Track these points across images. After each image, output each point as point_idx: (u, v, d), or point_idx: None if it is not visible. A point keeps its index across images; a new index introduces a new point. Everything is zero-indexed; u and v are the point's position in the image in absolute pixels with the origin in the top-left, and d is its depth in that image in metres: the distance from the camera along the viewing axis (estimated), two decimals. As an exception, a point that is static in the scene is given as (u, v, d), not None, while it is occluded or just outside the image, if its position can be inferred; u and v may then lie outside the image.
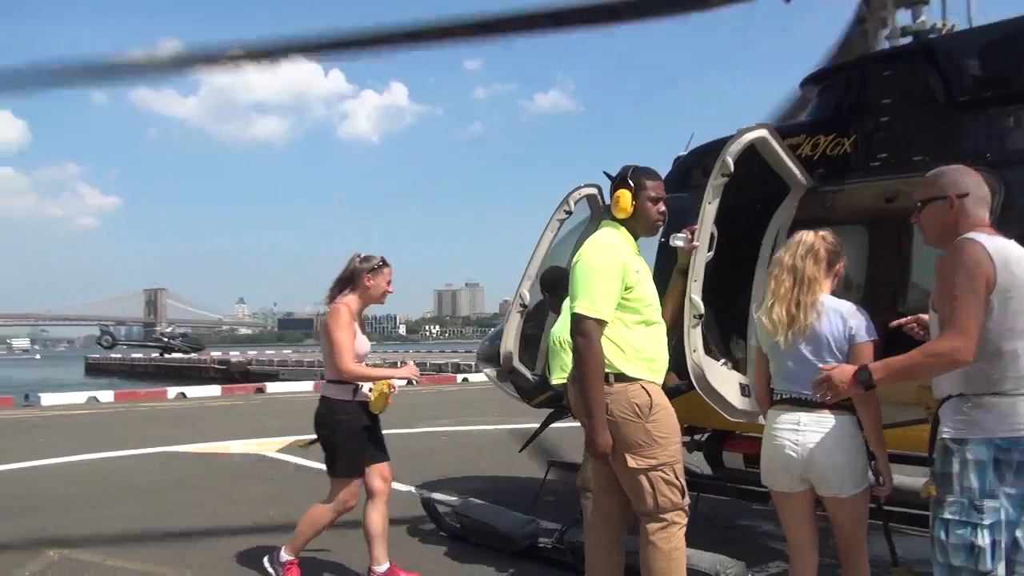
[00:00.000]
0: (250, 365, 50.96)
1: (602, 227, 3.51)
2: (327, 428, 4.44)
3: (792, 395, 3.15)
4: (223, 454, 10.10)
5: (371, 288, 4.48)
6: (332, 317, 4.35)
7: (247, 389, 23.82)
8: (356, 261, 4.49)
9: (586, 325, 3.17)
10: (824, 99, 5.02)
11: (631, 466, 3.19)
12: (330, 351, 4.35)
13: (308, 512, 4.57)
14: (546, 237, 5.28)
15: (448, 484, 7.58)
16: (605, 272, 3.24)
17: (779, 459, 3.15)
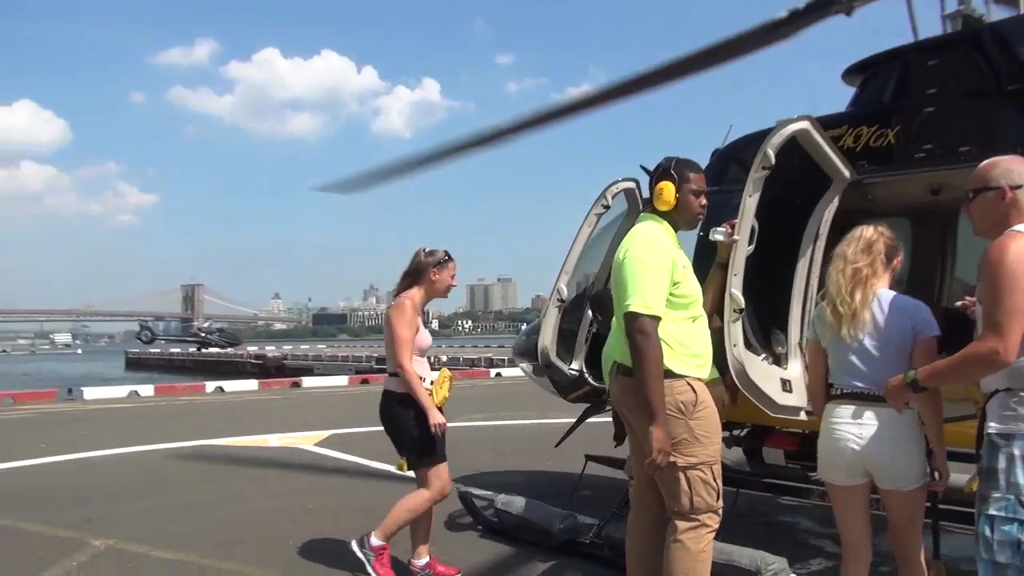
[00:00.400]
0: (285, 360, 51.47)
1: (643, 220, 3.48)
2: (400, 421, 4.45)
3: (853, 390, 3.16)
4: (261, 447, 10.24)
5: (436, 282, 4.55)
6: (396, 311, 4.41)
7: (283, 383, 24.06)
8: (422, 255, 4.53)
9: (643, 322, 3.12)
10: (867, 89, 4.96)
11: (671, 460, 3.17)
12: (387, 343, 4.44)
13: (405, 498, 4.56)
14: (583, 232, 5.27)
15: (484, 478, 7.62)
16: (655, 267, 3.21)
17: (840, 453, 3.16)
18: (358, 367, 40.41)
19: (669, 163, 3.44)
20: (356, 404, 16.85)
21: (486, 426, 12.17)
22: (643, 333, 3.10)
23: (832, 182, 4.49)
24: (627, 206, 5.48)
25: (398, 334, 4.35)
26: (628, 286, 3.19)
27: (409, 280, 4.53)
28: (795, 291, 4.51)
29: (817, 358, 3.36)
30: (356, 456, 9.13)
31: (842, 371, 3.22)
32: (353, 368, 39.72)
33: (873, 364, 3.12)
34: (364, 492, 7.23)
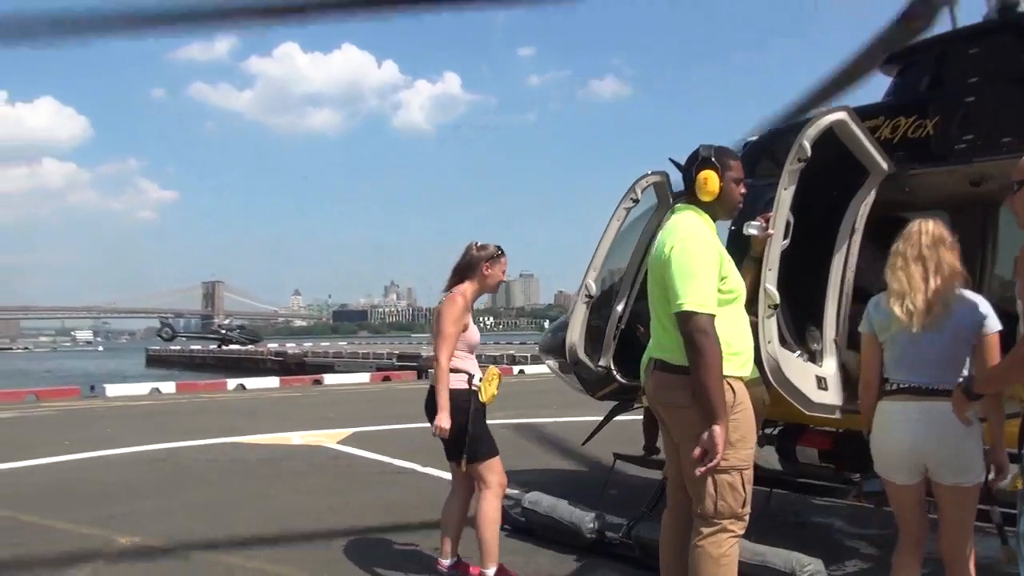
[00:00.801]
0: (306, 357, 51.88)
1: (681, 211, 3.38)
2: (455, 421, 4.35)
3: (913, 384, 3.19)
4: (284, 445, 10.30)
5: (488, 277, 4.51)
6: (447, 306, 4.36)
7: (304, 381, 24.26)
8: (474, 250, 4.51)
9: (702, 321, 3.04)
10: (905, 79, 4.89)
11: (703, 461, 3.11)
12: (434, 335, 4.39)
13: (480, 514, 4.44)
14: (612, 226, 5.26)
15: (509, 477, 7.51)
16: (707, 262, 3.14)
17: (899, 450, 3.21)
18: (379, 364, 40.61)
19: (710, 151, 3.36)
20: (378, 402, 16.97)
21: (509, 424, 12.13)
22: (703, 332, 3.03)
23: (869, 174, 4.43)
24: (656, 200, 5.45)
25: (444, 329, 4.31)
26: (681, 283, 3.10)
27: (460, 275, 4.50)
28: (830, 286, 4.45)
29: (873, 352, 3.37)
30: (379, 454, 9.16)
31: (902, 366, 3.24)
32: (374, 365, 39.90)
33: (937, 359, 3.16)
34: (388, 490, 7.26)
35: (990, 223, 5.27)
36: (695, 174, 3.34)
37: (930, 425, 3.12)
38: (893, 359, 3.28)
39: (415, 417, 12.79)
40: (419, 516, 6.14)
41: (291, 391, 20.70)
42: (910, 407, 3.18)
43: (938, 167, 4.50)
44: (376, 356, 46.19)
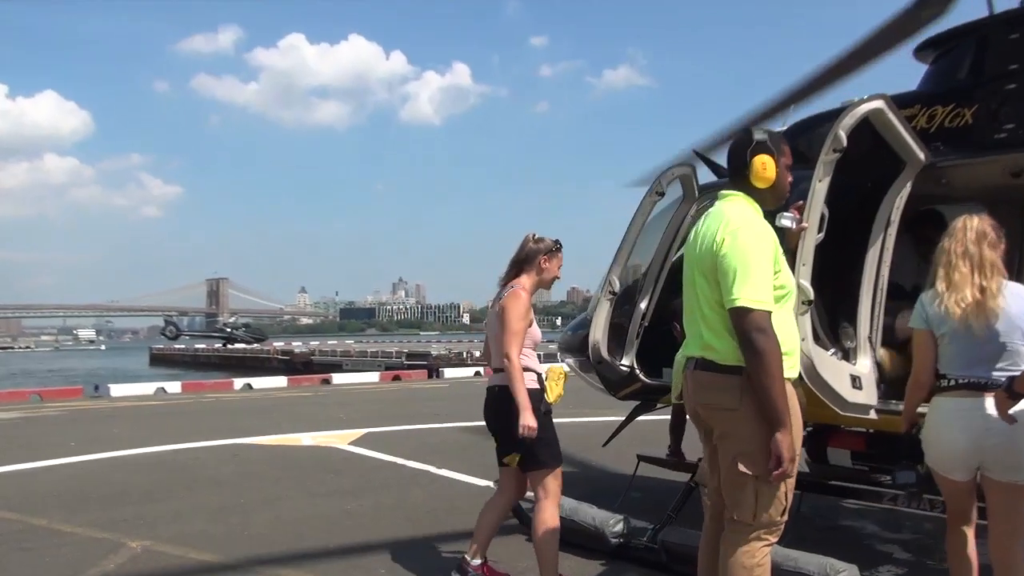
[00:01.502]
0: (313, 356, 52.29)
1: (729, 198, 3.23)
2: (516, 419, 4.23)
3: (971, 380, 3.30)
4: (295, 446, 10.33)
5: (546, 271, 4.44)
6: (513, 301, 4.27)
7: (313, 380, 24.36)
8: (531, 242, 4.43)
9: (761, 319, 2.94)
10: (942, 66, 4.85)
11: (740, 470, 3.04)
12: (498, 332, 4.28)
13: (538, 527, 4.36)
14: (637, 220, 5.23)
15: None
16: (765, 255, 3.03)
17: (958, 446, 3.31)
18: (388, 363, 40.81)
19: (764, 135, 3.24)
20: (389, 402, 17.01)
21: (526, 425, 12.15)
22: (761, 330, 2.92)
23: (905, 165, 4.39)
24: (682, 193, 5.42)
25: (512, 326, 4.21)
26: (737, 277, 2.97)
27: (518, 268, 4.42)
28: (864, 282, 4.43)
29: (928, 347, 3.45)
30: (393, 456, 9.18)
31: (959, 361, 3.35)
32: (383, 364, 40.11)
33: (994, 354, 3.28)
34: (404, 493, 7.27)
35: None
36: (749, 158, 3.19)
37: (989, 421, 3.21)
38: (949, 356, 3.38)
39: (428, 417, 13.02)
40: (437, 520, 6.15)
41: (299, 391, 20.77)
42: (967, 403, 3.28)
43: (977, 158, 4.46)
44: (385, 355, 46.43)
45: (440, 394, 18.75)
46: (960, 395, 3.31)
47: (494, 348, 4.41)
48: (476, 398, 13.73)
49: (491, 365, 4.51)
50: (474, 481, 7.65)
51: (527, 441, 4.18)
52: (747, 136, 3.26)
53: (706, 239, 3.13)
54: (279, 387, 22.19)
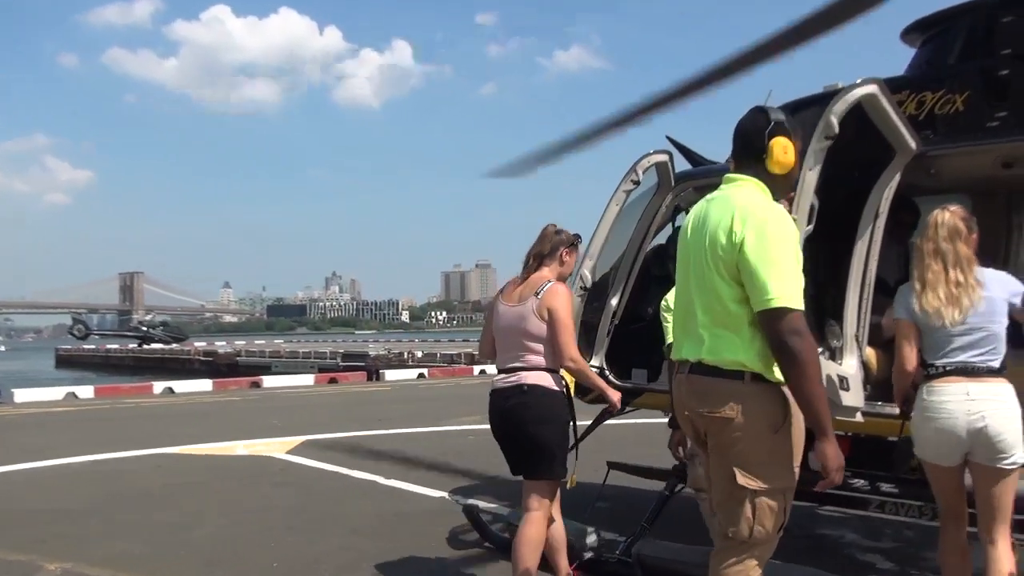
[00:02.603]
0: (239, 357, 51.56)
1: (740, 183, 3.14)
2: (552, 425, 4.29)
3: (959, 365, 3.58)
4: (228, 456, 10.16)
5: (565, 265, 4.52)
6: (556, 296, 4.29)
7: (241, 383, 23.98)
8: (553, 234, 4.50)
9: (797, 320, 2.85)
10: (931, 50, 4.94)
11: (739, 483, 2.99)
12: (551, 334, 4.28)
13: (522, 542, 4.32)
14: (610, 211, 5.24)
15: (486, 489, 7.62)
16: (793, 250, 2.96)
17: (948, 431, 3.56)
18: (322, 365, 40.41)
19: (780, 116, 3.16)
20: (327, 407, 16.84)
21: (480, 430, 12.09)
22: (797, 333, 2.84)
23: (895, 154, 4.46)
24: (657, 182, 5.44)
25: (565, 322, 4.28)
26: (771, 274, 2.88)
27: (540, 260, 4.46)
28: (852, 277, 4.47)
29: (910, 338, 3.75)
30: (335, 465, 9.08)
31: (945, 349, 3.64)
32: (316, 366, 39.72)
33: (974, 340, 3.58)
34: (351, 506, 7.18)
35: (1016, 207, 5.37)
36: (767, 141, 3.09)
37: (985, 405, 3.50)
38: (932, 346, 3.69)
39: (370, 423, 12.91)
40: (390, 536, 6.09)
41: (227, 395, 20.42)
42: (955, 388, 3.56)
43: (968, 146, 4.54)
44: (318, 355, 45.98)
45: (382, 398, 18.65)
46: (948, 381, 3.59)
47: (509, 346, 4.39)
48: (421, 402, 13.85)
49: (501, 366, 4.46)
50: (427, 492, 7.61)
51: (546, 445, 4.26)
52: (763, 115, 3.16)
53: (716, 229, 3.02)
54: (204, 391, 21.79)
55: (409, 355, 40.17)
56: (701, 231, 3.10)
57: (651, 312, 5.79)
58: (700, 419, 3.11)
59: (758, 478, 2.97)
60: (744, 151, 3.19)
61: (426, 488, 7.73)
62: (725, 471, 3.04)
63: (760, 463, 2.97)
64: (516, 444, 4.38)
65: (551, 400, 4.29)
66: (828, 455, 2.93)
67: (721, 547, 3.13)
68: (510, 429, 4.37)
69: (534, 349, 4.31)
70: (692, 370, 3.10)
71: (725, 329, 3.00)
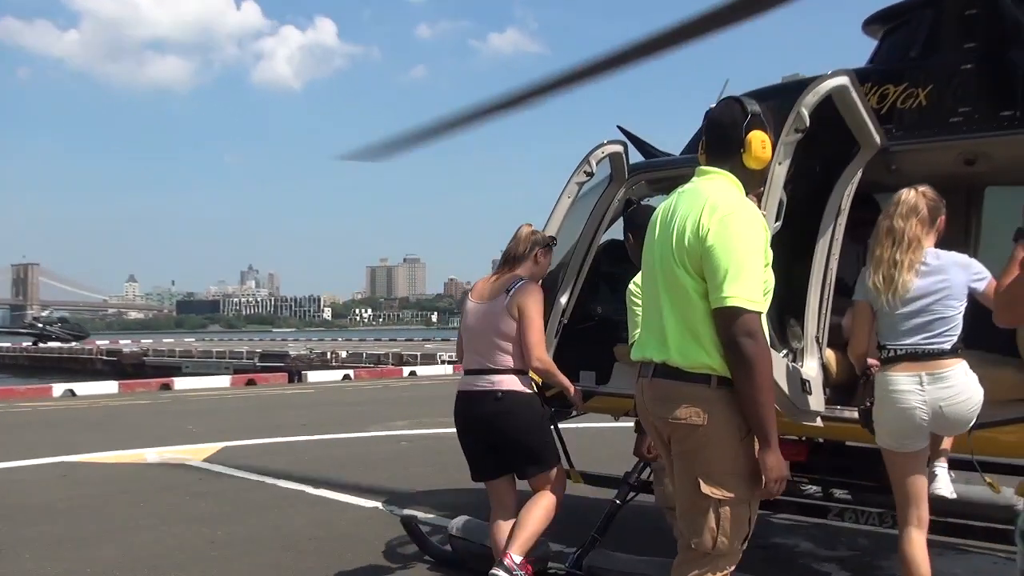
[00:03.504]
0: (146, 356, 50.59)
1: (710, 176, 3.15)
2: (537, 430, 4.53)
3: (908, 350, 3.80)
4: (139, 464, 9.92)
5: (540, 265, 4.69)
6: (530, 295, 4.45)
7: (150, 385, 23.43)
8: (528, 234, 4.66)
9: (751, 321, 2.88)
10: (894, 41, 5.05)
11: (703, 492, 2.99)
12: (520, 332, 4.43)
13: (534, 508, 4.53)
14: (562, 204, 5.25)
15: (423, 498, 7.58)
16: (758, 248, 2.98)
17: (906, 420, 3.78)
18: (238, 366, 39.77)
19: (757, 108, 3.16)
20: (247, 410, 16.58)
21: (413, 435, 12.11)
22: (750, 335, 2.87)
23: (859, 149, 4.54)
24: (610, 173, 5.46)
25: (535, 321, 4.44)
26: (729, 272, 2.90)
27: (514, 260, 4.61)
28: (813, 276, 4.54)
29: (863, 319, 4.01)
30: (258, 474, 8.94)
31: (893, 333, 3.86)
32: (232, 367, 39.04)
33: (927, 321, 3.79)
34: (279, 518, 7.06)
35: (974, 205, 5.53)
36: (745, 134, 3.12)
37: (939, 391, 3.73)
38: (883, 328, 3.92)
39: (295, 428, 12.76)
40: (323, 550, 5.99)
41: (135, 398, 19.92)
42: (912, 379, 3.77)
43: (930, 142, 4.66)
44: (234, 355, 45.25)
45: (306, 401, 18.41)
46: (901, 370, 3.80)
47: (478, 345, 4.52)
48: (348, 406, 13.77)
49: (468, 366, 4.58)
50: (359, 502, 7.53)
51: (533, 449, 4.50)
52: (739, 107, 3.17)
53: (684, 222, 3.03)
54: (109, 394, 21.20)
55: (333, 355, 39.78)
56: (669, 225, 3.10)
57: (600, 311, 5.83)
58: (664, 425, 3.10)
59: (723, 487, 2.98)
60: (718, 144, 3.20)
61: (358, 498, 7.65)
62: (689, 479, 3.04)
63: (725, 472, 2.98)
64: (495, 451, 4.52)
65: (530, 405, 4.49)
66: (769, 465, 2.95)
67: (683, 558, 3.13)
68: (489, 437, 4.50)
69: (504, 348, 4.44)
70: (656, 373, 3.09)
71: (693, 329, 3.00)
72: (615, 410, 5.60)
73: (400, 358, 36.65)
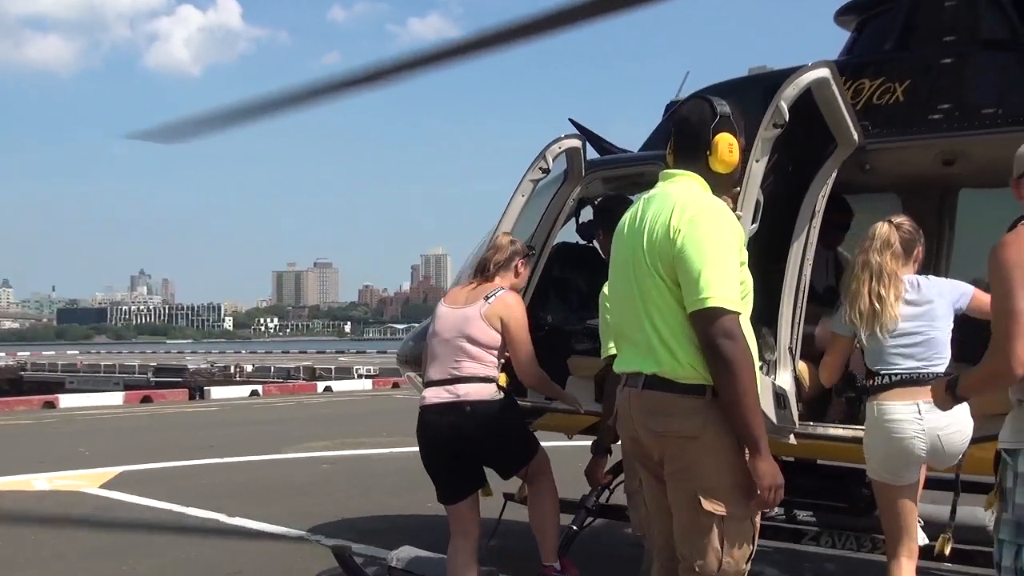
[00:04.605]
0: (23, 371, 49.29)
1: (678, 179, 3.22)
2: (513, 434, 4.66)
3: (903, 375, 3.90)
4: (25, 492, 9.66)
5: (520, 276, 4.77)
6: (510, 308, 4.52)
7: (31, 403, 22.82)
8: (507, 242, 4.73)
9: (730, 323, 2.94)
10: (868, 34, 5.14)
11: (705, 509, 3.01)
12: (511, 352, 4.56)
13: (543, 513, 4.81)
14: (516, 202, 5.24)
15: (352, 526, 7.49)
16: (733, 248, 3.05)
17: (903, 451, 3.85)
18: (130, 381, 38.99)
19: (726, 109, 3.22)
20: (144, 431, 16.33)
21: (335, 456, 11.97)
22: (730, 337, 2.93)
23: (835, 147, 4.60)
24: (566, 169, 5.46)
25: (523, 338, 4.54)
26: (703, 272, 2.96)
27: (494, 269, 4.66)
28: (786, 283, 4.57)
29: (836, 351, 4.25)
30: (165, 501, 8.75)
31: (886, 356, 3.96)
32: (123, 382, 38.21)
33: (918, 342, 3.92)
34: (192, 550, 6.92)
35: (947, 208, 5.67)
36: (712, 136, 3.19)
37: (935, 420, 3.76)
38: (872, 354, 4.01)
39: (201, 451, 12.56)
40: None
41: (14, 417, 19.32)
42: (908, 408, 3.85)
43: (908, 140, 4.75)
44: (125, 369, 44.36)
45: (211, 420, 18.12)
46: (895, 399, 3.89)
47: (446, 352, 4.54)
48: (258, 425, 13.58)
49: (432, 376, 4.60)
50: (282, 531, 7.40)
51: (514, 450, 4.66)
52: (708, 106, 3.24)
53: (654, 227, 3.09)
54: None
55: (237, 369, 39.28)
56: (638, 232, 3.16)
57: (551, 320, 5.81)
58: (656, 441, 3.12)
59: (725, 503, 3.01)
60: (685, 144, 3.28)
61: (280, 526, 7.52)
62: (687, 497, 3.06)
63: (726, 486, 3.01)
64: (466, 466, 4.57)
65: (500, 411, 4.52)
66: (761, 472, 2.98)
67: None
68: (461, 451, 4.51)
69: (474, 355, 4.48)
70: (647, 385, 3.10)
71: (680, 338, 3.04)
72: (569, 428, 5.59)
73: (313, 372, 36.35)
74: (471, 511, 4.65)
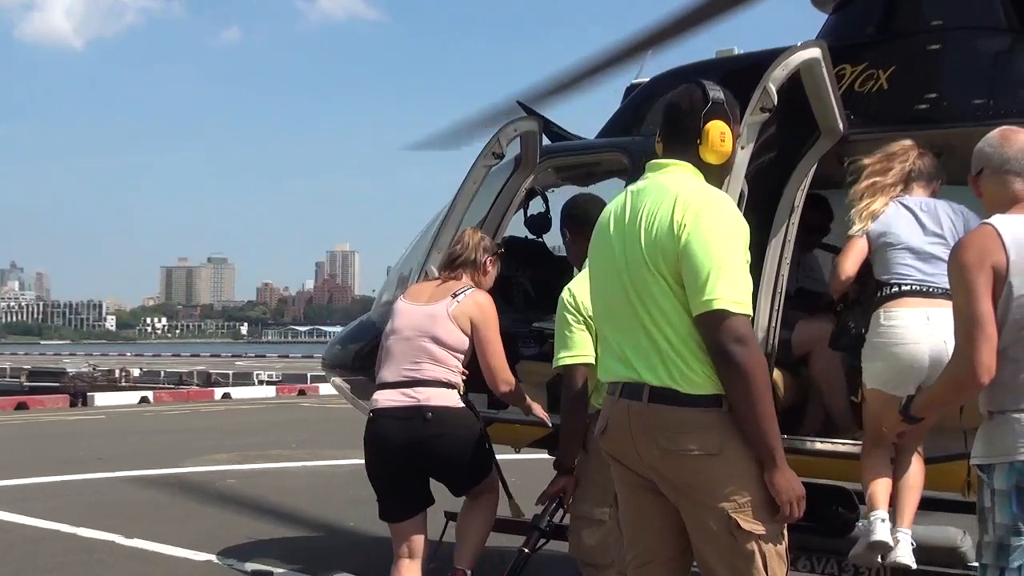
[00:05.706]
0: None
1: (672, 169, 3.19)
2: (475, 447, 4.57)
3: (914, 285, 4.03)
4: None
5: (488, 276, 4.77)
6: (481, 309, 4.53)
7: None
8: (476, 240, 4.73)
9: (741, 325, 2.91)
10: (848, 16, 5.16)
11: (745, 529, 2.95)
12: (480, 356, 4.56)
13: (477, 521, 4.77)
14: (466, 190, 5.17)
15: (265, 548, 7.34)
16: (741, 246, 3.02)
17: (909, 357, 3.92)
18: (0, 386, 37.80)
19: (720, 95, 3.21)
20: (20, 441, 16.04)
21: (240, 471, 11.74)
22: (741, 341, 2.89)
23: (818, 135, 4.59)
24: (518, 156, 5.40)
25: (494, 342, 4.55)
26: (710, 271, 2.92)
27: (462, 266, 4.67)
28: (763, 284, 4.56)
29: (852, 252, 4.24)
30: (48, 520, 8.48)
31: (896, 269, 4.11)
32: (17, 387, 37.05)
33: (931, 262, 4.03)
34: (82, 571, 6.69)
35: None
36: (703, 124, 3.17)
37: (939, 329, 3.83)
38: (884, 262, 4.15)
39: (90, 463, 12.25)
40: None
41: None
42: (915, 314, 3.97)
43: (893, 131, 4.74)
44: (14, 375, 43.01)
45: (97, 429, 17.73)
46: (903, 305, 4.01)
47: (406, 352, 4.50)
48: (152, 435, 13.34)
49: (387, 378, 4.54)
50: (188, 554, 7.18)
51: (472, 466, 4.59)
52: (699, 92, 3.21)
53: (653, 224, 3.05)
54: None
55: (123, 373, 38.62)
56: (630, 229, 3.12)
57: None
58: (663, 457, 3.04)
59: (760, 521, 2.97)
60: (674, 133, 3.26)
61: (185, 549, 7.30)
62: (717, 519, 2.99)
63: (756, 504, 2.97)
64: (417, 481, 4.55)
65: (463, 420, 4.51)
66: (780, 486, 2.95)
67: None
68: (416, 463, 4.48)
69: (437, 357, 4.46)
70: (653, 397, 3.03)
71: (690, 345, 2.99)
72: (517, 440, 5.50)
73: (208, 378, 35.87)
74: (418, 531, 4.59)
